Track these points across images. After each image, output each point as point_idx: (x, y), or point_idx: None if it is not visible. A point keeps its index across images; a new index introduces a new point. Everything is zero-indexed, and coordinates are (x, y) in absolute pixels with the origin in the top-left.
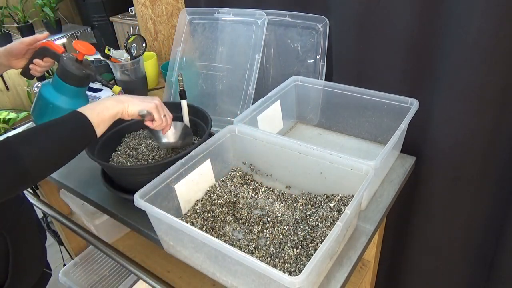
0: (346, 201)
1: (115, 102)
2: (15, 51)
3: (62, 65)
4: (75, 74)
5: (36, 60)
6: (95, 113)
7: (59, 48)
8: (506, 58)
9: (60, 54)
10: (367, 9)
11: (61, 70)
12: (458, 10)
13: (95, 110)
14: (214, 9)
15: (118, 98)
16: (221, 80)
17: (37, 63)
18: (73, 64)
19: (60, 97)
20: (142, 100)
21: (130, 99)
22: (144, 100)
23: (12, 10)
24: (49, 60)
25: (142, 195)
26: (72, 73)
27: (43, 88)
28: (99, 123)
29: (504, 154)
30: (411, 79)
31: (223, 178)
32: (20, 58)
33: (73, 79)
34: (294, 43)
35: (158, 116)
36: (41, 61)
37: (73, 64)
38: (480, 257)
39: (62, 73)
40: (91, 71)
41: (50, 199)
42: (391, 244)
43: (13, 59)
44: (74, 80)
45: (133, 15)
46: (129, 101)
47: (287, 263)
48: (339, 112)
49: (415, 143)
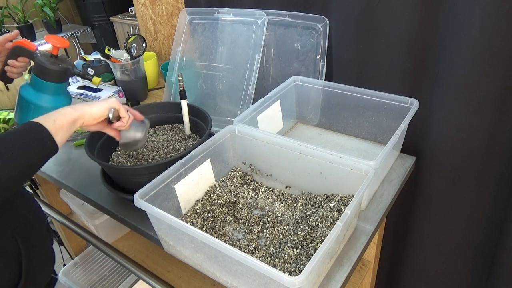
0: (346, 201)
1: (72, 109)
2: None
3: (38, 62)
4: (51, 70)
5: (10, 61)
6: (51, 121)
7: (32, 46)
8: (506, 58)
9: (34, 52)
10: (367, 9)
11: (37, 68)
12: (458, 10)
13: (50, 118)
14: (214, 9)
15: (74, 106)
16: (221, 80)
17: (12, 64)
18: (48, 59)
19: (41, 96)
20: (99, 101)
21: (88, 104)
22: (101, 101)
23: (12, 10)
24: (24, 60)
25: (142, 195)
26: (49, 69)
27: (22, 90)
28: (57, 131)
29: (504, 154)
30: (411, 79)
31: (223, 178)
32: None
33: (51, 75)
34: (294, 43)
35: (124, 110)
36: (16, 62)
37: (48, 59)
38: (480, 257)
39: (39, 71)
40: (67, 64)
41: (50, 199)
42: (391, 244)
43: None
44: (51, 76)
45: (133, 15)
46: (88, 105)
47: (287, 263)
48: (339, 112)
49: (415, 143)
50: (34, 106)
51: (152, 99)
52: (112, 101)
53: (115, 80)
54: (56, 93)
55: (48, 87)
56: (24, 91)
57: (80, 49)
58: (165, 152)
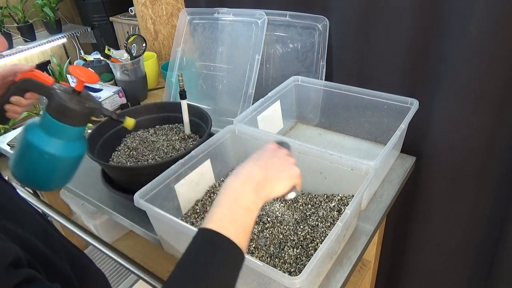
0: (346, 201)
1: (253, 200)
2: None
3: (56, 100)
4: (75, 110)
5: (15, 98)
6: (240, 227)
7: (48, 79)
8: (506, 58)
9: (51, 86)
10: (367, 9)
11: (55, 107)
12: (458, 10)
13: (236, 224)
14: (214, 9)
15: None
16: (221, 80)
17: (16, 101)
18: (70, 97)
19: (56, 142)
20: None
21: (267, 182)
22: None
23: (12, 10)
24: (33, 96)
25: (142, 195)
26: (71, 109)
27: (30, 133)
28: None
29: (504, 154)
30: (411, 79)
31: (223, 178)
32: None
33: (73, 116)
34: (294, 43)
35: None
36: (23, 99)
37: (71, 97)
38: (480, 257)
39: (57, 111)
40: (94, 103)
41: (50, 199)
42: (391, 244)
43: None
44: (73, 119)
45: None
46: (269, 185)
47: (287, 263)
48: (339, 112)
49: (415, 143)
50: (49, 156)
51: (152, 99)
52: (295, 175)
53: (115, 80)
54: (74, 139)
55: (67, 131)
56: (33, 135)
57: (80, 49)
58: (165, 152)
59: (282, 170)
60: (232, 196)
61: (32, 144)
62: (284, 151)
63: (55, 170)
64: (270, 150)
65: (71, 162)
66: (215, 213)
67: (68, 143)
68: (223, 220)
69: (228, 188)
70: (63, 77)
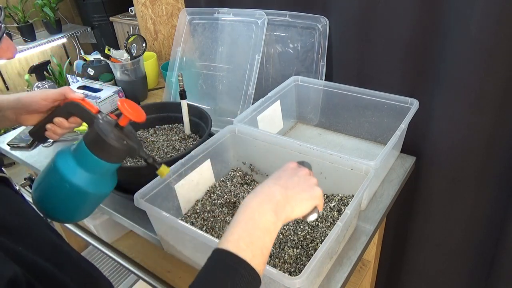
0: (346, 201)
1: (273, 214)
2: (34, 106)
3: (95, 130)
4: (113, 146)
5: (58, 119)
6: (257, 249)
7: (93, 107)
8: (506, 58)
9: (94, 115)
10: (367, 9)
11: (93, 138)
12: (458, 10)
13: (253, 245)
14: (214, 9)
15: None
16: (221, 80)
17: (59, 123)
18: (112, 130)
19: (84, 175)
20: (301, 195)
21: (288, 202)
22: (305, 197)
23: (12, 10)
24: (76, 121)
25: (142, 195)
26: (110, 145)
27: (60, 159)
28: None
29: (504, 154)
30: (411, 79)
31: (223, 178)
32: (36, 114)
33: (110, 152)
34: (294, 43)
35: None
36: (66, 122)
37: (112, 130)
38: (480, 257)
39: (95, 143)
40: (134, 143)
41: None
42: (391, 244)
43: (25, 114)
44: (109, 154)
45: (133, 15)
46: (290, 205)
47: (287, 263)
48: (339, 112)
49: (415, 143)
50: (70, 187)
51: (152, 99)
52: (317, 196)
53: (115, 80)
54: (105, 175)
55: (98, 165)
56: (63, 161)
57: (80, 49)
58: (165, 152)
59: (303, 190)
60: (250, 216)
61: (59, 171)
62: (305, 171)
63: (74, 203)
64: (290, 169)
65: (94, 199)
66: (231, 233)
67: (96, 178)
68: (239, 241)
69: (247, 207)
70: (63, 77)
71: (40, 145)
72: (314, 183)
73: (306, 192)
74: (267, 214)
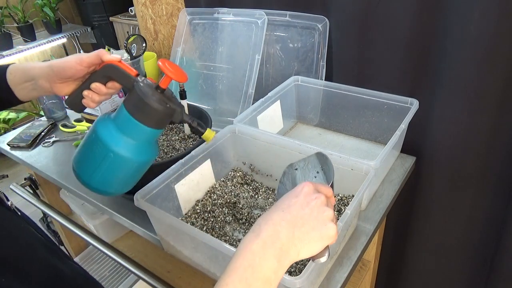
0: (346, 201)
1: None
2: (68, 72)
3: (137, 93)
4: (156, 109)
5: (96, 84)
6: None
7: (131, 70)
8: (506, 57)
9: (135, 78)
10: (367, 9)
11: (134, 102)
12: (457, 10)
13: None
14: (214, 9)
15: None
16: (221, 80)
17: (97, 88)
18: (153, 93)
19: (126, 142)
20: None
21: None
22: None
23: (12, 10)
24: (114, 86)
25: (142, 195)
26: (152, 107)
27: (101, 127)
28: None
29: (504, 154)
30: (411, 79)
31: (223, 178)
32: (71, 81)
33: (152, 116)
34: (294, 43)
35: None
36: (103, 87)
37: (154, 94)
38: (480, 257)
39: (136, 107)
40: (176, 105)
41: (50, 199)
42: (391, 244)
43: (59, 82)
44: (152, 118)
45: (133, 15)
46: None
47: None
48: (339, 112)
49: (415, 143)
50: (114, 156)
51: None
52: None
53: None
54: (148, 143)
55: (142, 132)
56: (104, 129)
57: (80, 49)
58: (165, 152)
59: (313, 228)
60: (249, 263)
61: (100, 139)
62: (320, 199)
63: (117, 173)
64: (304, 195)
65: (137, 167)
66: (226, 284)
67: (138, 145)
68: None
69: (246, 251)
70: None
71: (40, 145)
72: (328, 217)
73: (317, 230)
74: (269, 261)
